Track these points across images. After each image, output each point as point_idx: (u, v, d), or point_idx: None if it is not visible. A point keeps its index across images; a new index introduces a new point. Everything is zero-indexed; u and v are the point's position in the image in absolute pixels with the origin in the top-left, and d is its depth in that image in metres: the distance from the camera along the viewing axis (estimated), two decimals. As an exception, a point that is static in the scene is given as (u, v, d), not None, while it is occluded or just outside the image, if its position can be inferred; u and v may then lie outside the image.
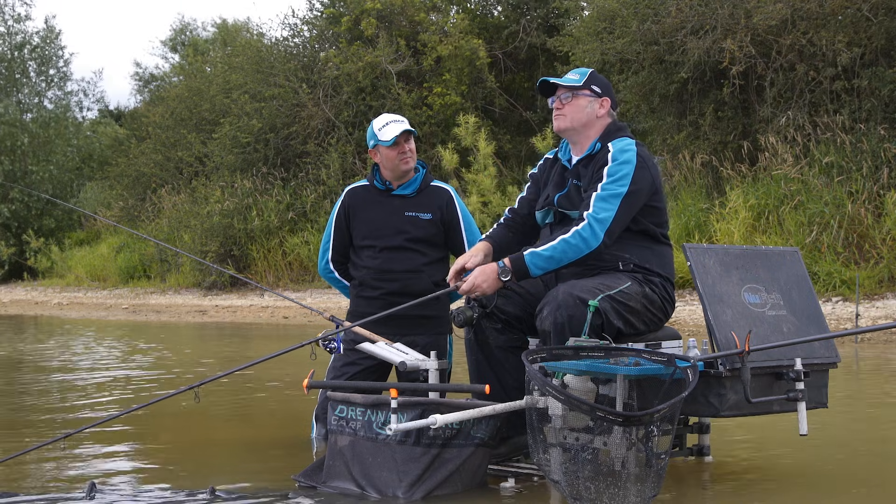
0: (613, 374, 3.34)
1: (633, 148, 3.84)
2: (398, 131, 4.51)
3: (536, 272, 3.73)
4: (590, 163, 3.91)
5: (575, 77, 3.96)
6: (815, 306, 3.87)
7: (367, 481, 3.58)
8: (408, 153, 4.55)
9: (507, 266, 3.72)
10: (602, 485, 3.17)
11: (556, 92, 3.97)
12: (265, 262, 18.58)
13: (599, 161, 3.85)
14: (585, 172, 3.90)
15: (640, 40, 14.37)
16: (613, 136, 3.92)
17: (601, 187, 3.75)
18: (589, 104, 3.93)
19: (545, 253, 3.70)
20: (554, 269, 3.73)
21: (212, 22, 43.26)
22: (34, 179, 27.45)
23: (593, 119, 3.94)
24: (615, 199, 3.73)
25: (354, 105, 18.91)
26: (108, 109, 37.26)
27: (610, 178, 3.76)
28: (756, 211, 12.30)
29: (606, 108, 3.96)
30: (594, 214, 3.71)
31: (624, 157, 3.80)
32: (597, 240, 3.69)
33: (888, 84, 12.22)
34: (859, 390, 6.52)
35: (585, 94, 3.93)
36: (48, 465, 4.35)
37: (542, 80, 4.00)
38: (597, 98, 3.94)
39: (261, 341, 11.13)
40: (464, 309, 3.92)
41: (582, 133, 3.95)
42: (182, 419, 5.73)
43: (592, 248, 3.70)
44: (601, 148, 3.89)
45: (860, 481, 3.89)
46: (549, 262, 3.71)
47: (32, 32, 30.18)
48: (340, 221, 4.70)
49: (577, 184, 3.91)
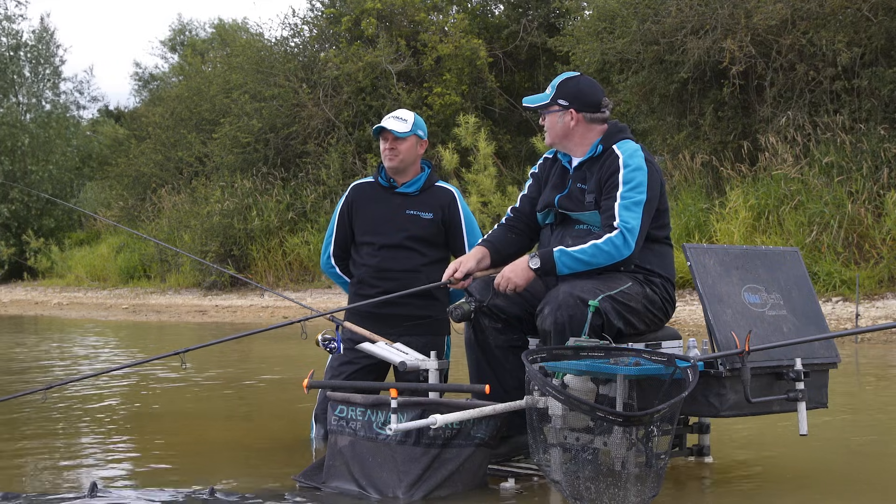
0: (613, 374, 3.34)
1: (641, 153, 3.85)
2: (383, 125, 4.53)
3: (564, 270, 3.73)
4: (594, 165, 3.90)
5: (546, 92, 4.00)
6: (815, 306, 3.87)
7: (367, 481, 3.58)
8: (386, 151, 4.55)
9: (538, 262, 3.74)
10: (602, 485, 3.17)
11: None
12: (265, 262, 18.57)
13: (608, 164, 3.85)
14: (591, 175, 3.89)
15: (640, 40, 14.37)
16: (616, 139, 3.92)
17: (621, 196, 3.75)
18: (559, 119, 3.95)
19: (576, 254, 3.71)
20: (581, 270, 3.72)
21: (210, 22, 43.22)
22: (34, 179, 27.43)
23: (569, 131, 3.95)
24: (638, 207, 3.74)
25: (354, 105, 18.90)
26: (107, 109, 37.26)
27: (627, 185, 3.76)
28: (756, 211, 12.29)
29: (577, 119, 3.94)
30: (624, 223, 3.71)
31: (635, 162, 3.81)
32: (629, 249, 3.70)
33: (888, 84, 12.21)
34: (859, 390, 6.53)
35: (554, 110, 3.96)
36: (49, 465, 4.35)
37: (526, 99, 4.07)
38: (565, 111, 3.95)
39: (261, 341, 11.12)
40: (461, 304, 3.93)
41: (567, 144, 3.97)
42: (182, 419, 5.73)
43: (625, 256, 3.71)
44: (604, 150, 3.89)
45: (860, 481, 3.89)
46: (578, 264, 3.71)
47: (28, 32, 30.18)
48: (343, 216, 4.70)
49: (582, 186, 3.90)
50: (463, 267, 3.96)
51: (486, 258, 4.03)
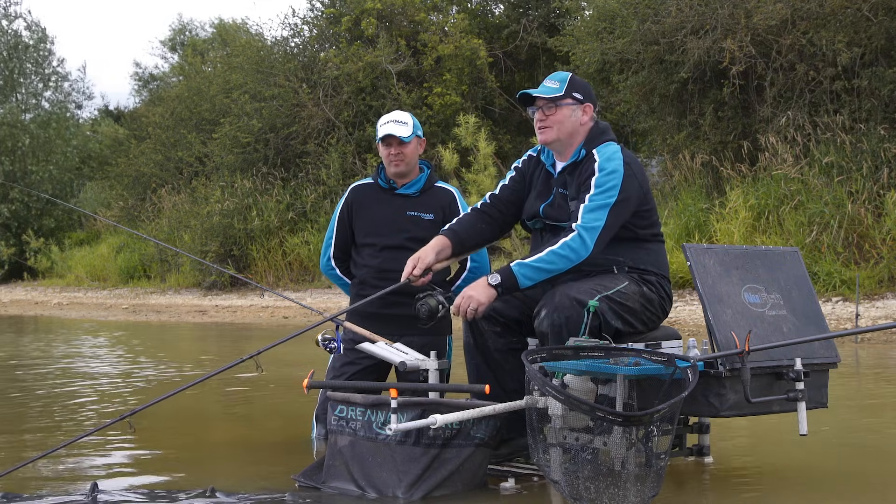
0: (613, 374, 3.34)
1: (620, 156, 3.80)
2: (387, 132, 4.52)
3: (526, 283, 3.69)
4: (575, 170, 3.87)
5: (555, 85, 3.89)
6: (815, 306, 3.87)
7: (367, 481, 3.58)
8: (391, 156, 4.55)
9: (498, 277, 3.70)
10: (602, 485, 3.17)
11: (537, 102, 3.91)
12: (265, 262, 18.58)
13: (585, 170, 3.81)
14: (571, 181, 3.86)
15: (640, 40, 14.37)
16: (598, 141, 3.87)
17: (589, 199, 3.72)
18: (572, 113, 3.88)
19: (534, 264, 3.68)
20: (543, 279, 3.70)
21: (210, 22, 43.24)
22: (34, 179, 27.43)
23: (578, 127, 3.89)
24: (603, 210, 3.70)
25: (354, 105, 18.90)
26: (107, 109, 37.26)
27: (598, 188, 3.73)
28: (756, 211, 12.29)
29: (590, 114, 3.91)
30: (583, 225, 3.68)
31: (611, 165, 3.76)
32: (586, 249, 3.68)
33: (888, 84, 12.21)
34: (859, 390, 6.52)
35: (567, 102, 3.87)
36: (50, 466, 4.35)
37: (523, 92, 3.95)
38: (579, 105, 3.89)
39: (261, 341, 11.12)
40: (425, 299, 3.92)
41: (569, 142, 3.90)
42: (182, 419, 5.73)
43: (582, 257, 3.68)
44: (586, 155, 3.85)
45: (860, 481, 3.89)
46: (539, 273, 3.68)
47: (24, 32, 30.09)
48: (343, 218, 4.70)
49: (564, 192, 3.88)
50: (421, 263, 3.92)
51: (446, 249, 3.98)
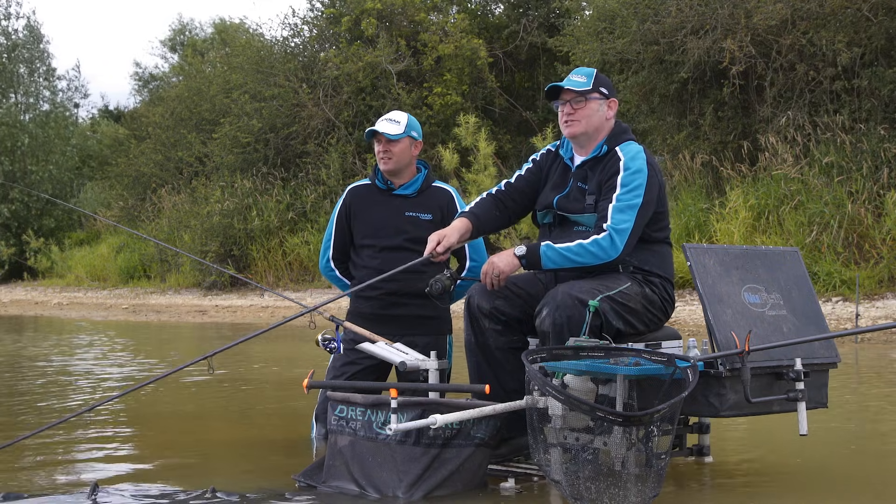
0: (613, 374, 3.34)
1: (643, 156, 3.83)
2: (376, 128, 4.52)
3: (548, 264, 3.72)
4: (596, 165, 3.89)
5: (582, 79, 3.92)
6: (815, 306, 3.87)
7: (367, 481, 3.58)
8: (380, 153, 4.54)
9: (524, 249, 3.74)
10: (602, 485, 3.17)
11: (562, 96, 3.93)
12: (265, 262, 18.58)
13: (609, 166, 3.83)
14: (592, 175, 3.87)
15: (640, 40, 14.37)
16: (620, 140, 3.90)
17: (617, 198, 3.74)
18: (599, 107, 3.90)
19: (561, 250, 3.71)
20: (564, 267, 3.72)
21: (210, 22, 43.25)
22: (34, 179, 27.43)
23: (603, 122, 3.92)
24: (632, 211, 3.72)
25: (354, 105, 18.90)
26: (107, 109, 37.26)
27: (624, 188, 3.74)
28: (756, 211, 12.30)
29: (615, 109, 3.95)
30: (614, 226, 3.69)
31: (636, 165, 3.79)
32: (616, 251, 3.69)
33: (888, 84, 12.22)
34: (859, 390, 6.53)
35: (595, 97, 3.90)
36: (51, 466, 4.35)
37: (552, 85, 3.96)
38: (605, 100, 3.92)
39: (260, 341, 11.12)
40: (440, 277, 3.93)
41: (593, 136, 3.92)
42: (182, 419, 5.73)
43: (611, 258, 3.69)
44: (608, 151, 3.87)
45: (860, 481, 3.89)
46: (563, 261, 3.71)
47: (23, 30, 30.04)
48: (341, 220, 4.70)
49: (582, 186, 3.89)
50: (445, 241, 3.91)
51: (468, 233, 3.99)
